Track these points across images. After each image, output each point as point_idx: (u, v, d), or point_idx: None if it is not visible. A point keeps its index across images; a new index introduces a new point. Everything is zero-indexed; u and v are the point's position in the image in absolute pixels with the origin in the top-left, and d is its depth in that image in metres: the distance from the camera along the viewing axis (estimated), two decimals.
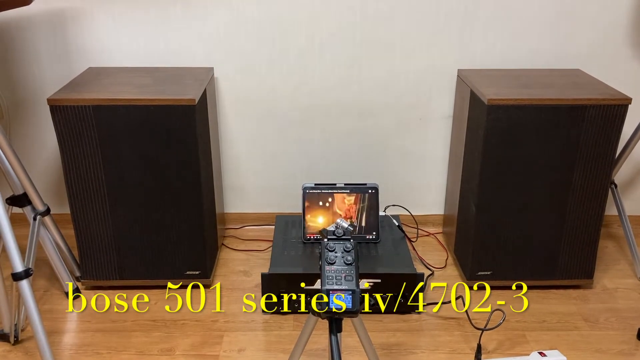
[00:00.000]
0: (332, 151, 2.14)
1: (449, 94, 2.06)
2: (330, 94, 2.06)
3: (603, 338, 1.67)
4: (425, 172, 2.18)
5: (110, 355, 1.60)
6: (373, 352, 1.29)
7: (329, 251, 1.17)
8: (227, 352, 1.62)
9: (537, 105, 1.65)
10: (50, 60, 2.01)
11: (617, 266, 2.02)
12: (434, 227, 2.25)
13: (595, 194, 1.75)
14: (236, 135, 2.13)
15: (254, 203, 2.24)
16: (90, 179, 1.72)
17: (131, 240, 1.80)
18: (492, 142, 1.69)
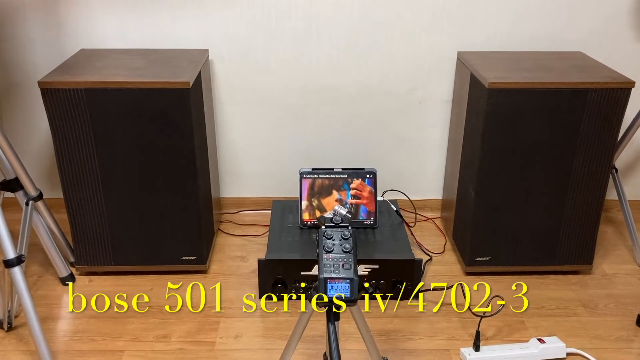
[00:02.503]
0: (330, 135, 2.11)
1: (449, 78, 2.03)
2: (327, 77, 2.02)
3: (602, 324, 1.66)
4: (424, 157, 2.15)
5: (105, 342, 1.58)
6: (371, 340, 1.27)
7: (327, 239, 1.14)
8: (224, 338, 1.60)
9: (539, 89, 1.61)
10: (42, 42, 1.96)
11: (617, 251, 2.00)
12: (432, 212, 2.23)
13: (596, 179, 1.73)
14: (232, 119, 2.09)
15: (251, 188, 2.21)
16: (83, 164, 1.69)
17: (126, 225, 1.77)
18: (492, 126, 1.66)
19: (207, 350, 1.56)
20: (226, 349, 1.57)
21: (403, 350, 1.57)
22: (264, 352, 1.56)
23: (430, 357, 1.54)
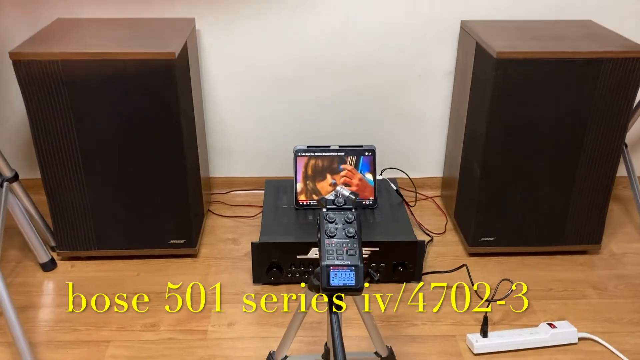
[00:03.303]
0: (325, 111, 2.00)
1: (451, 49, 1.91)
2: (323, 49, 1.90)
3: (612, 307, 1.59)
4: (424, 133, 2.05)
5: (89, 332, 1.48)
6: (374, 328, 1.18)
7: (329, 222, 1.04)
8: (216, 326, 1.51)
9: (550, 59, 1.51)
10: (14, 10, 1.82)
11: (624, 230, 1.93)
12: (431, 191, 2.13)
13: (607, 155, 1.64)
14: (221, 94, 1.97)
15: (242, 167, 2.10)
16: (62, 142, 1.57)
17: (109, 207, 1.66)
18: (500, 99, 1.56)
19: (199, 340, 1.47)
20: (219, 337, 1.47)
21: (406, 336, 1.48)
22: (259, 340, 1.47)
23: (436, 344, 1.46)
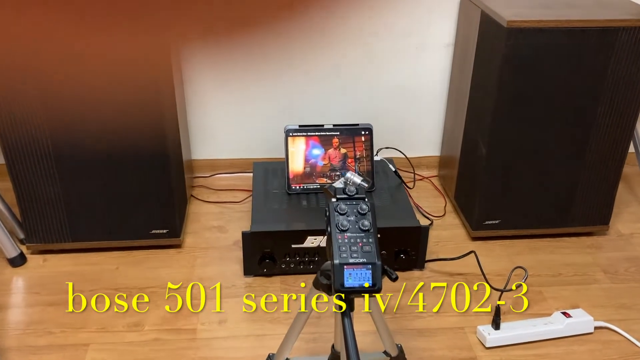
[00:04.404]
0: (315, 87, 1.86)
1: (450, 18, 1.79)
2: (312, 18, 1.75)
3: (626, 291, 1.51)
4: (420, 109, 1.93)
5: (66, 335, 1.35)
6: (385, 328, 1.07)
7: (340, 214, 0.92)
8: (206, 324, 1.38)
9: (565, 28, 1.40)
10: None
11: (630, 209, 1.85)
12: (428, 170, 2.02)
13: (620, 131, 1.54)
14: (200, 66, 1.81)
15: (225, 147, 1.95)
16: (27, 123, 1.41)
17: (83, 195, 1.51)
18: (510, 73, 1.44)
19: (187, 340, 1.34)
20: (210, 337, 1.35)
21: (412, 330, 1.38)
22: (254, 339, 1.35)
23: (445, 337, 1.36)
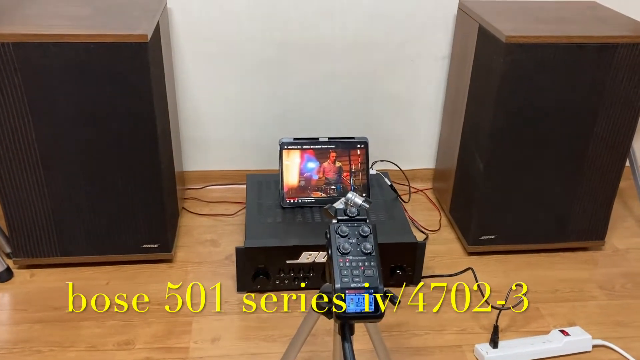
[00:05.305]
0: (309, 97, 1.84)
1: (446, 30, 1.77)
2: (307, 29, 1.74)
3: (623, 308, 1.50)
4: (415, 122, 1.91)
5: (54, 354, 1.31)
6: (382, 346, 1.05)
7: (341, 237, 0.90)
8: (199, 342, 1.35)
9: (563, 43, 1.39)
10: None
11: (625, 224, 1.84)
12: (422, 183, 2.01)
13: (617, 146, 1.54)
14: (195, 78, 1.79)
15: (218, 159, 1.92)
16: (15, 135, 1.37)
17: (73, 208, 1.47)
18: (509, 87, 1.43)
19: (180, 359, 1.31)
20: (202, 355, 1.32)
21: (409, 348, 1.36)
22: (247, 357, 1.32)
23: (442, 356, 1.34)
